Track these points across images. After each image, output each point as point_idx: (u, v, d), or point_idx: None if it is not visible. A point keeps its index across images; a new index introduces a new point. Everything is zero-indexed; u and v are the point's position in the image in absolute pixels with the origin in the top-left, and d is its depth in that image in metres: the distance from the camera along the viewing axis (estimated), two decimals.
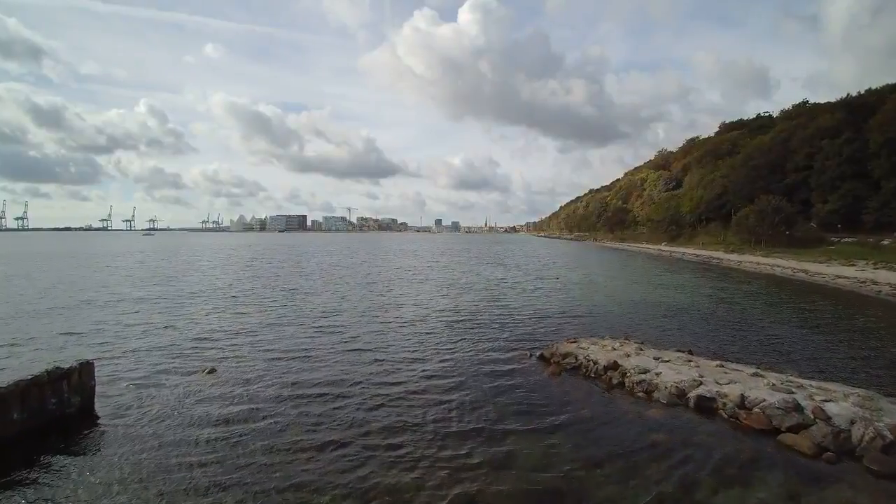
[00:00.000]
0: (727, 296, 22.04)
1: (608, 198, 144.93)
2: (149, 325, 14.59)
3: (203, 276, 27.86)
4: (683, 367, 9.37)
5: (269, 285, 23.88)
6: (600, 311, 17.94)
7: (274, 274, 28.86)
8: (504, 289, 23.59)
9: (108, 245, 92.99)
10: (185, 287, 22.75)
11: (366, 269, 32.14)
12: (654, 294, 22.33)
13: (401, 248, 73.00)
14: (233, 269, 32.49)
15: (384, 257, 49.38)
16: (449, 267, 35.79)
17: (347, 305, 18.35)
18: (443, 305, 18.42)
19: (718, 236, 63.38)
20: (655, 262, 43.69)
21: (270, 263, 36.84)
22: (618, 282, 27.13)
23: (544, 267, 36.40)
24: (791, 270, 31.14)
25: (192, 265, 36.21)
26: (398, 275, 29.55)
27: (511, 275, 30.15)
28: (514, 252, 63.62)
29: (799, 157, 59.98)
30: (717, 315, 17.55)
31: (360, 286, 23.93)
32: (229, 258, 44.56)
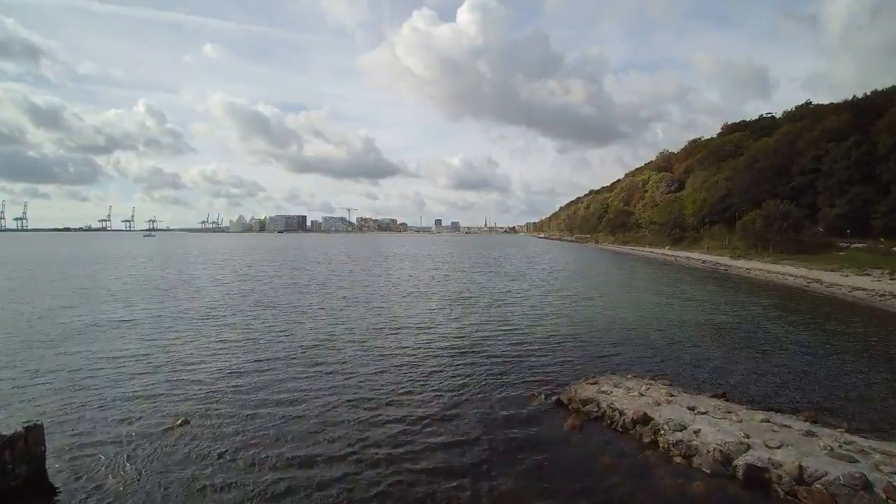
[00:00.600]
0: (746, 313, 20.89)
1: (609, 199, 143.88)
2: (120, 362, 13.10)
3: (193, 289, 26.58)
4: (723, 421, 8.23)
5: (260, 302, 22.64)
6: (616, 334, 16.77)
7: (267, 289, 27.56)
8: (510, 305, 22.40)
9: (106, 247, 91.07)
10: (170, 306, 21.45)
11: (364, 282, 30.86)
12: (670, 311, 21.18)
13: (400, 253, 71.74)
14: (226, 281, 31.29)
15: (383, 264, 48.15)
16: (451, 276, 34.56)
17: (342, 330, 17.13)
18: (446, 329, 17.22)
19: (723, 240, 62.28)
20: (662, 270, 42.53)
21: (265, 274, 35.57)
22: (628, 295, 25.95)
23: (550, 276, 35.20)
24: (804, 280, 30.03)
25: (183, 275, 34.97)
26: (398, 287, 28.35)
27: (516, 286, 28.98)
28: (516, 257, 62.44)
29: (805, 159, 58.90)
30: (741, 339, 16.41)
31: (357, 303, 22.71)
32: (224, 266, 43.28)
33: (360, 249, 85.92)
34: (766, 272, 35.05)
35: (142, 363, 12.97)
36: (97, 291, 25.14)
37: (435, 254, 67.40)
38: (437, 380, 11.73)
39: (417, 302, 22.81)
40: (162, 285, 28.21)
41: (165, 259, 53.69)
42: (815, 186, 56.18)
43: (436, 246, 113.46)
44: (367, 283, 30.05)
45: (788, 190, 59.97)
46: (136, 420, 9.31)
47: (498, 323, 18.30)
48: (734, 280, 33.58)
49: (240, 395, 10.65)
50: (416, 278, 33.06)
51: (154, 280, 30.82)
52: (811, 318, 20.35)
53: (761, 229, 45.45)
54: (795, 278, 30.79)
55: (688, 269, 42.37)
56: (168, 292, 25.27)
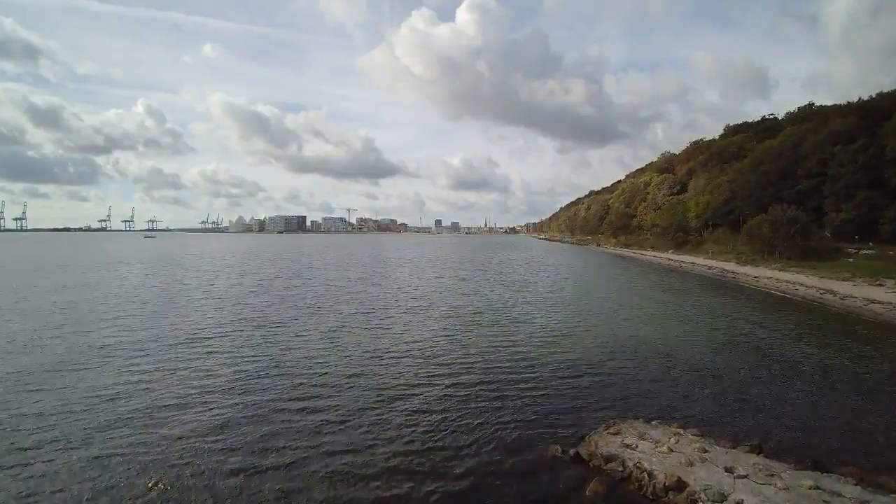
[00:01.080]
0: (767, 334, 19.86)
1: (610, 200, 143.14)
2: (90, 404, 11.75)
3: (181, 307, 25.19)
4: (767, 487, 7.33)
5: (250, 322, 21.30)
6: (632, 361, 15.74)
7: (259, 304, 26.29)
8: (517, 324, 21.39)
9: (103, 250, 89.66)
10: (154, 329, 20.04)
11: (361, 295, 29.72)
12: (685, 331, 20.22)
13: (399, 257, 70.70)
14: (216, 295, 30.26)
15: (382, 271, 47.12)
16: (453, 287, 33.50)
17: (337, 357, 16.11)
18: (449, 357, 16.17)
19: (727, 244, 61.44)
20: (668, 279, 41.58)
21: (259, 285, 34.34)
22: (639, 311, 24.91)
23: (554, 286, 34.15)
24: (816, 291, 29.16)
25: (174, 286, 33.87)
26: (397, 301, 27.34)
27: (521, 300, 27.98)
28: (518, 262, 61.49)
29: (811, 162, 58.08)
30: (767, 367, 15.41)
31: (353, 323, 21.66)
32: (217, 275, 42.18)
33: (360, 253, 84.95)
34: (775, 281, 34.17)
35: (110, 411, 11.39)
36: (77, 311, 23.89)
37: (436, 258, 66.35)
38: (440, 423, 10.76)
39: (418, 321, 21.81)
40: (149, 301, 26.90)
41: (160, 266, 52.65)
42: (820, 190, 55.37)
43: (436, 248, 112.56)
44: (364, 296, 28.96)
45: (794, 193, 59.19)
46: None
47: (505, 347, 17.34)
48: (745, 291, 32.60)
49: (215, 451, 9.35)
50: (416, 290, 32.00)
51: (142, 294, 29.63)
52: (835, 337, 19.40)
53: (768, 235, 44.59)
54: (807, 289, 29.91)
55: (694, 277, 41.46)
56: (154, 311, 24.05)
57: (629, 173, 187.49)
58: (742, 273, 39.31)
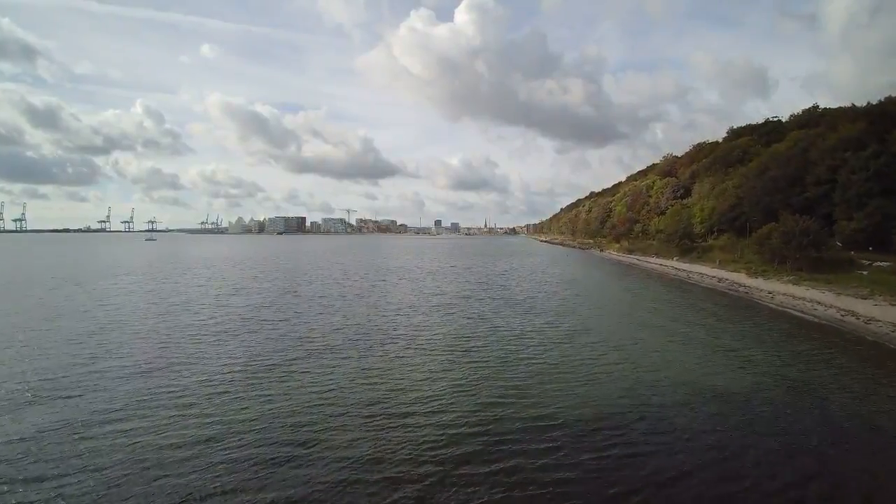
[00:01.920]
0: (799, 374, 18.13)
1: (611, 203, 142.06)
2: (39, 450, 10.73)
3: (164, 332, 24.07)
4: None
5: (236, 359, 19.91)
6: (664, 424, 13.93)
7: (247, 331, 24.54)
8: (527, 362, 19.24)
9: (100, 255, 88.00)
10: (132, 360, 18.92)
11: (358, 319, 27.75)
12: (710, 373, 18.68)
13: (399, 267, 69.15)
14: (206, 311, 28.95)
15: (381, 286, 45.31)
16: (455, 310, 31.44)
17: (327, 416, 14.38)
18: (453, 413, 14.31)
19: (735, 252, 60.21)
20: (679, 294, 40.08)
21: (251, 303, 32.57)
22: (659, 340, 23.30)
23: (562, 308, 32.26)
24: (837, 312, 27.90)
25: (162, 303, 32.55)
26: (396, 330, 25.33)
27: (528, 327, 25.94)
28: (522, 274, 60.06)
29: (820, 169, 56.89)
30: (836, 424, 14.02)
31: (348, 362, 19.93)
32: (207, 290, 40.69)
33: (358, 260, 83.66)
34: (791, 297, 32.94)
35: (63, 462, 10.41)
36: (51, 339, 22.65)
37: (437, 269, 64.52)
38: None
39: (419, 360, 19.90)
40: (133, 325, 25.61)
41: (154, 275, 51.44)
42: (830, 198, 54.16)
43: (437, 254, 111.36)
44: (361, 322, 26.93)
45: (802, 200, 58.03)
46: None
47: (515, 397, 15.56)
48: (763, 311, 30.93)
49: None
50: (416, 313, 30.00)
51: (129, 315, 28.33)
52: (883, 382, 17.57)
53: (779, 246, 43.38)
54: (826, 308, 28.67)
55: (705, 292, 39.91)
56: (136, 338, 22.86)
57: (630, 175, 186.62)
58: (755, 287, 38.08)
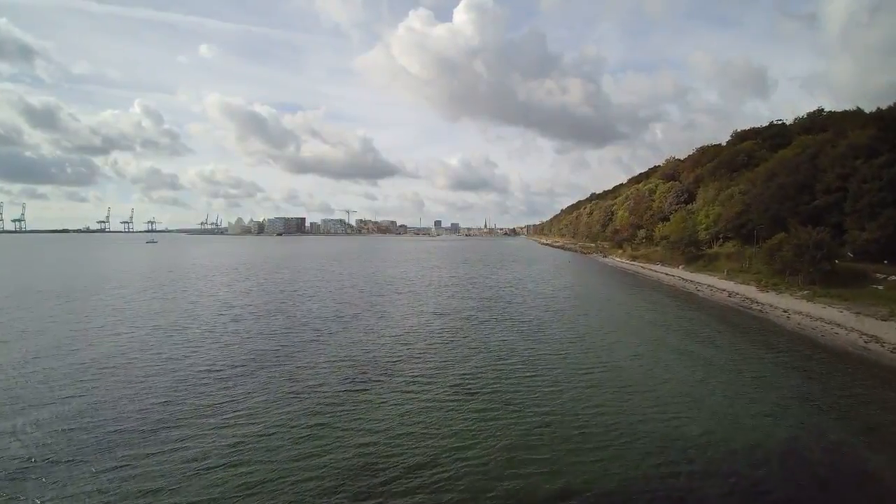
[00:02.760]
0: (834, 423, 16.39)
1: (613, 206, 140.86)
2: None
3: (147, 366, 22.80)
4: None
5: (220, 391, 18.79)
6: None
7: (232, 366, 23.09)
8: (540, 412, 17.45)
9: (96, 260, 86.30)
10: (109, 397, 17.87)
11: (352, 346, 25.95)
12: (743, 421, 17.51)
13: (398, 276, 67.83)
14: (195, 335, 27.69)
15: (379, 301, 43.14)
16: (457, 333, 29.67)
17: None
18: (455, 469, 13.34)
19: (742, 261, 58.93)
20: (689, 310, 38.73)
21: (239, 330, 30.33)
22: (679, 374, 21.70)
23: (571, 330, 30.16)
24: (860, 336, 26.48)
25: (149, 323, 31.19)
26: (393, 363, 23.20)
27: (537, 353, 24.83)
28: (525, 285, 58.68)
29: (830, 177, 55.59)
30: None
31: (340, 416, 18.94)
32: (198, 306, 39.61)
33: (357, 269, 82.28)
34: (809, 318, 31.58)
35: None
36: (21, 374, 21.44)
37: (437, 279, 62.48)
38: None
39: (418, 406, 18.04)
40: (112, 350, 24.44)
41: (146, 289, 50.14)
42: (841, 206, 52.91)
43: (437, 260, 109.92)
44: (357, 354, 24.35)
45: (811, 208, 56.80)
46: None
47: (524, 461, 14.22)
48: (781, 334, 28.88)
49: None
50: (417, 340, 26.93)
51: (112, 336, 27.09)
52: None
53: (792, 259, 42.08)
54: (847, 332, 27.36)
55: (716, 309, 38.05)
56: (115, 368, 21.64)
57: (632, 177, 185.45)
58: (767, 304, 36.75)
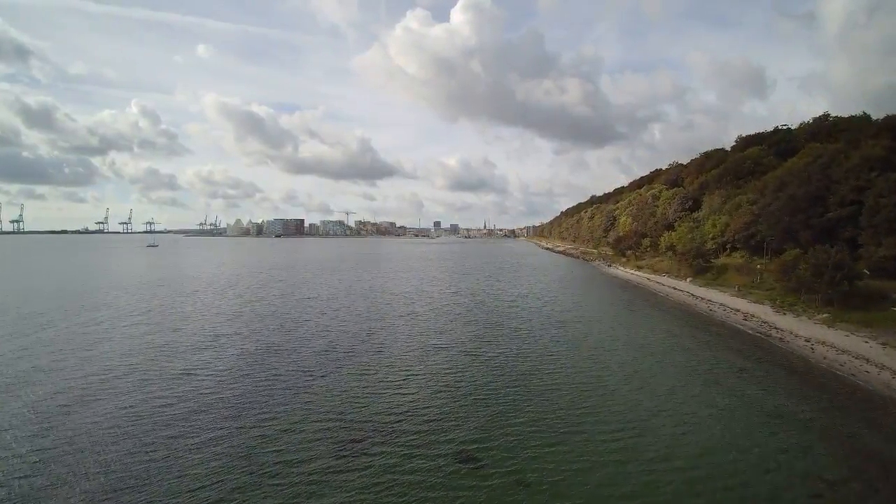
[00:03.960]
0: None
1: (615, 211, 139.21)
2: None
3: (107, 404, 21.02)
4: None
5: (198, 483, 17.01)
6: None
7: (216, 412, 21.62)
8: (554, 483, 16.50)
9: (93, 267, 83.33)
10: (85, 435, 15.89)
11: (346, 394, 23.62)
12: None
13: (397, 292, 65.77)
14: (181, 366, 25.82)
15: (378, 329, 40.59)
16: (460, 372, 27.72)
17: None
18: None
19: (753, 275, 57.18)
20: (703, 335, 36.99)
21: (222, 368, 28.47)
22: (701, 435, 20.20)
23: (587, 372, 27.58)
24: (892, 376, 24.72)
25: (121, 366, 29.47)
26: (391, 421, 21.04)
27: (553, 419, 23.04)
28: (530, 301, 56.96)
29: (844, 189, 53.89)
30: None
31: (340, 445, 17.07)
32: (189, 318, 37.65)
33: (354, 282, 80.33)
34: (833, 349, 29.73)
35: None
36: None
37: (437, 296, 60.51)
38: None
39: (416, 486, 16.85)
40: (90, 378, 22.66)
41: (137, 309, 48.16)
42: (856, 220, 51.24)
43: (437, 270, 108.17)
44: (348, 412, 21.80)
45: (824, 221, 55.14)
46: None
47: None
48: (808, 374, 26.69)
49: None
50: (417, 395, 24.05)
51: (93, 367, 25.28)
52: None
53: (809, 280, 40.33)
54: (879, 370, 25.52)
55: (735, 339, 35.04)
56: (95, 402, 19.78)
57: (633, 181, 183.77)
58: (788, 330, 34.93)
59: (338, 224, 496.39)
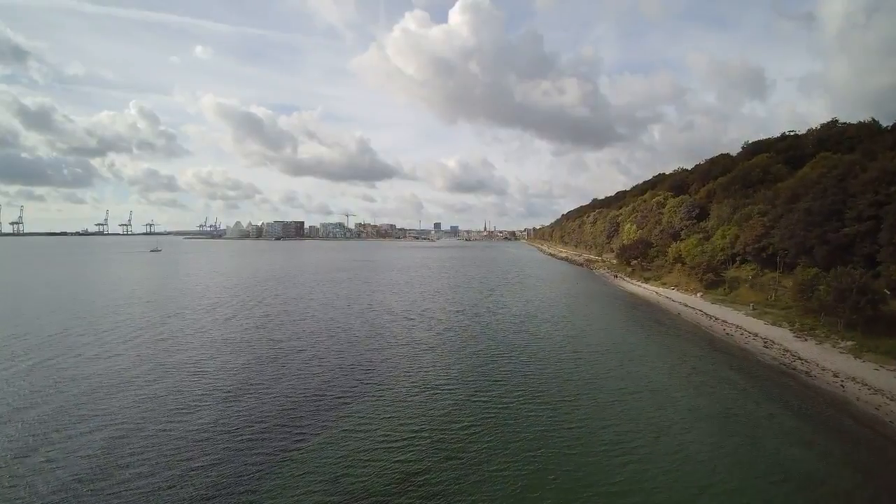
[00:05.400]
0: None
1: (619, 217, 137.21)
2: None
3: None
4: None
5: None
6: None
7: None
8: None
9: (88, 279, 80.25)
10: None
11: (331, 466, 22.56)
12: None
13: (396, 310, 63.84)
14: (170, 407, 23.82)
15: (375, 357, 39.53)
16: (464, 412, 26.33)
17: None
18: None
19: (767, 292, 55.21)
20: (723, 366, 34.75)
21: (213, 408, 27.22)
22: None
23: (615, 425, 25.65)
24: None
25: (130, 379, 27.60)
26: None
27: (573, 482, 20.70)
28: (533, 324, 54.75)
29: (862, 203, 51.90)
30: None
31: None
32: (181, 341, 35.61)
33: (351, 295, 78.35)
34: (866, 388, 27.76)
35: None
36: None
37: (438, 313, 58.59)
38: None
39: None
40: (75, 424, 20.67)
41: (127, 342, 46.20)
42: (874, 236, 49.26)
43: (437, 281, 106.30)
44: (340, 484, 21.62)
45: (840, 237, 53.16)
46: None
47: None
48: (845, 420, 24.51)
49: None
50: (417, 460, 24.20)
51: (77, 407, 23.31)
52: None
53: (832, 304, 38.37)
54: None
55: (758, 374, 32.11)
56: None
57: (636, 185, 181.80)
58: (813, 361, 32.90)
59: (338, 226, 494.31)
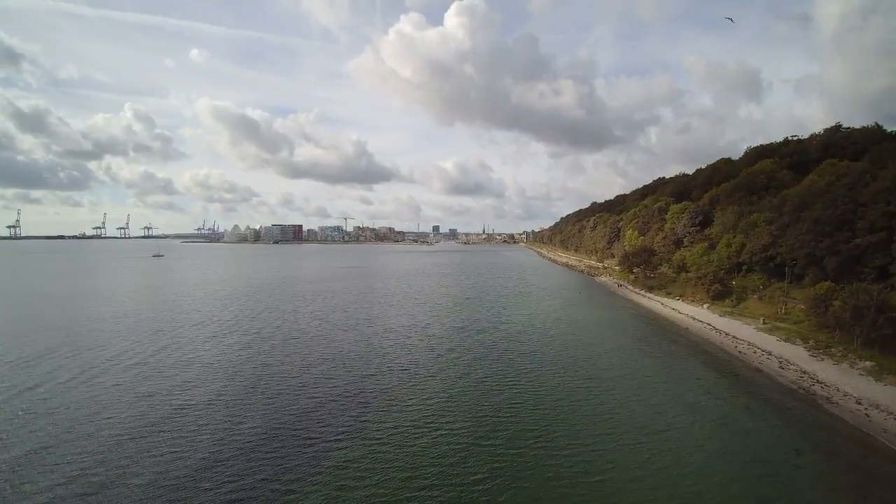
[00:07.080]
0: None
1: (620, 222, 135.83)
2: None
3: None
4: None
5: None
6: None
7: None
8: None
9: (87, 289, 76.31)
10: None
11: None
12: None
13: (394, 325, 61.52)
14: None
15: (371, 383, 38.22)
16: (467, 443, 24.50)
17: None
18: None
19: (776, 304, 53.67)
20: (741, 394, 32.84)
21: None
22: None
23: (631, 464, 24.64)
24: None
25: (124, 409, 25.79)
26: None
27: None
28: (547, 341, 52.87)
29: (873, 214, 50.46)
30: None
31: None
32: (175, 363, 33.82)
33: (348, 306, 76.56)
34: (892, 417, 26.28)
35: None
36: None
37: (437, 327, 56.25)
38: None
39: None
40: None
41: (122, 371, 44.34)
42: (887, 248, 47.84)
43: (436, 292, 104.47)
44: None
45: (851, 248, 51.74)
46: None
47: None
48: (876, 458, 22.85)
49: None
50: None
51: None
52: None
53: (849, 322, 36.85)
54: None
55: (775, 399, 30.28)
56: None
57: (636, 189, 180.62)
58: (832, 386, 31.34)
59: (336, 230, 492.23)
